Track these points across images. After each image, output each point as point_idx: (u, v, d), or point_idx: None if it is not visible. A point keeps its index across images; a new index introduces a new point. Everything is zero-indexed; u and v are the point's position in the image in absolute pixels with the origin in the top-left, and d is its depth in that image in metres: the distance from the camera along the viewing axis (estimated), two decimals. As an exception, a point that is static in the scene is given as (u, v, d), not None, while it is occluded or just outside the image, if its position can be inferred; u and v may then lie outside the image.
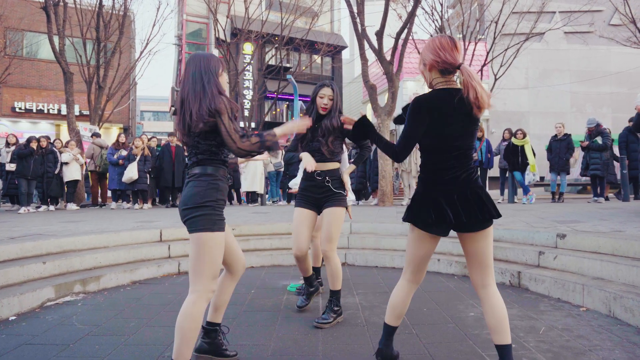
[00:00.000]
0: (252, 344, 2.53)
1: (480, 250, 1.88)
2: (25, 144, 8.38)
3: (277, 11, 18.30)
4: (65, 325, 2.88)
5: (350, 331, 2.74)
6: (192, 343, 1.87)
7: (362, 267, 4.78)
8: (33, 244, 3.92)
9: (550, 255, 3.84)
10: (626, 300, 2.81)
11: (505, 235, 4.58)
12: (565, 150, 8.45)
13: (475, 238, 1.88)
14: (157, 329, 2.81)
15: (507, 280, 3.88)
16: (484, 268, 1.90)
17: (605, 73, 22.56)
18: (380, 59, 8.99)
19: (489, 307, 1.87)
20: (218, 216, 1.94)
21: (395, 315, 2.03)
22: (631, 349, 2.36)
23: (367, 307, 3.25)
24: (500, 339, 1.83)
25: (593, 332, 2.64)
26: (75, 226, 5.43)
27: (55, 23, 10.32)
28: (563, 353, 2.33)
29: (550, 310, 3.11)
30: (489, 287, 1.90)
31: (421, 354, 2.36)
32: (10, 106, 19.59)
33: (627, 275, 3.12)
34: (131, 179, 8.61)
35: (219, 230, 1.93)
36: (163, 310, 3.21)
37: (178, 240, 4.91)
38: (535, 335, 2.61)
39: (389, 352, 2.09)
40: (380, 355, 2.08)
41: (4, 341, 2.59)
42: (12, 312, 3.06)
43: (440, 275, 4.33)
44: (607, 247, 3.63)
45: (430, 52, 1.90)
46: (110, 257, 4.23)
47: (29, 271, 3.53)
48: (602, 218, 5.17)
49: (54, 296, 3.40)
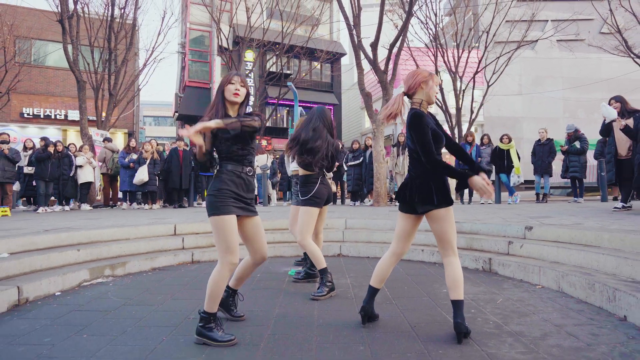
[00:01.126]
0: (259, 309, 3.11)
1: (436, 229, 2.49)
2: (43, 148, 8.97)
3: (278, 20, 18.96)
4: (104, 299, 3.45)
5: (341, 302, 3.31)
6: (217, 299, 2.43)
7: (355, 257, 5.34)
8: (67, 234, 4.50)
9: (517, 244, 4.41)
10: (571, 277, 3.37)
11: (482, 228, 5.15)
12: (548, 154, 9.04)
13: (431, 220, 2.48)
14: (180, 301, 3.38)
15: (480, 266, 4.45)
16: (443, 243, 2.49)
17: (597, 80, 23.23)
18: (375, 69, 9.60)
19: (448, 272, 2.48)
20: (221, 202, 2.36)
21: (379, 279, 2.66)
22: (566, 312, 2.93)
23: (356, 286, 3.81)
24: (454, 295, 2.43)
25: (541, 302, 3.20)
26: (96, 222, 6.01)
27: (69, 34, 10.95)
28: (511, 315, 2.90)
29: (511, 288, 3.68)
30: (449, 257, 2.49)
31: (397, 317, 2.92)
32: (18, 112, 20.21)
33: (576, 259, 3.69)
34: (142, 180, 9.19)
35: (222, 213, 2.34)
36: (183, 289, 3.78)
37: (191, 234, 5.48)
38: (493, 305, 3.17)
39: (370, 310, 2.69)
40: (364, 311, 2.68)
41: (57, 309, 3.16)
42: (57, 288, 3.62)
43: (424, 263, 4.90)
44: (565, 236, 4.20)
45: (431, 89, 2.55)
46: (132, 247, 4.81)
47: (67, 257, 4.10)
48: (571, 214, 5.75)
49: (89, 277, 3.97)
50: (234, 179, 2.41)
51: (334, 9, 24.06)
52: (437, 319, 2.87)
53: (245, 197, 2.46)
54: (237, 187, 2.41)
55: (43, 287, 3.49)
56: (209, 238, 5.46)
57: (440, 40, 16.11)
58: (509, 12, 16.24)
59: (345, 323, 2.79)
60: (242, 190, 2.44)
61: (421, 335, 2.53)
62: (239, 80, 2.50)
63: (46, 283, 3.52)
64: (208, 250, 5.19)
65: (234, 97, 2.47)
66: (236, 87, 2.48)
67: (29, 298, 3.34)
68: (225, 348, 2.36)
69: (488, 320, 2.80)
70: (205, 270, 4.58)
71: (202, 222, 5.85)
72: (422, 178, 2.47)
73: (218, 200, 2.36)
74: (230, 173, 2.41)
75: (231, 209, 2.37)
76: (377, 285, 2.67)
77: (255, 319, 2.91)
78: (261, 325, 2.77)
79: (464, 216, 6.08)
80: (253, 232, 2.52)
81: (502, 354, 2.23)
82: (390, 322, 2.80)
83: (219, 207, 2.35)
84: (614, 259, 3.31)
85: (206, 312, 2.42)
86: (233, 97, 2.47)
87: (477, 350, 2.29)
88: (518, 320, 2.78)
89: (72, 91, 20.78)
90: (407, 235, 2.60)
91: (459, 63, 15.97)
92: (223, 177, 2.41)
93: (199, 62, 24.39)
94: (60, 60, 20.02)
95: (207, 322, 2.41)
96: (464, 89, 15.90)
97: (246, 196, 2.47)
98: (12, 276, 3.52)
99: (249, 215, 2.49)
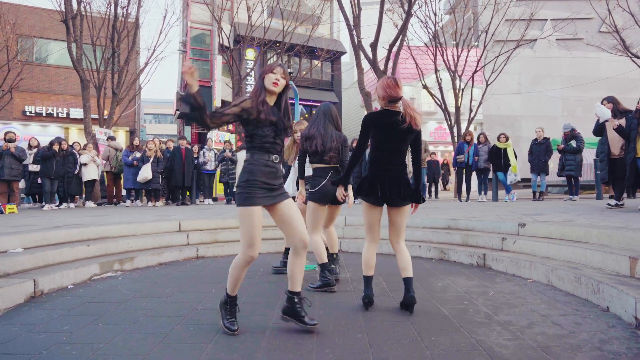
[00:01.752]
0: (264, 301, 3.28)
1: (398, 220, 2.99)
2: (48, 147, 9.13)
3: (278, 19, 19.08)
4: (115, 291, 3.62)
5: (340, 294, 3.49)
6: (236, 283, 2.57)
7: (355, 253, 5.51)
8: (77, 230, 4.67)
9: (510, 240, 4.58)
10: (560, 271, 3.54)
11: (478, 225, 5.32)
12: (545, 153, 9.20)
13: (396, 212, 2.96)
14: (188, 293, 3.55)
15: (475, 261, 4.62)
16: (398, 232, 3.02)
17: (596, 79, 23.38)
18: (375, 69, 9.76)
19: (399, 255, 2.99)
20: (248, 193, 2.41)
21: (368, 267, 3.02)
22: (553, 304, 3.10)
23: (355, 280, 3.99)
24: (405, 274, 2.94)
25: (530, 295, 3.38)
26: (103, 219, 6.18)
27: (73, 34, 11.09)
28: (501, 306, 3.07)
29: (503, 282, 3.85)
30: (400, 244, 3.03)
31: (393, 308, 3.09)
32: (21, 110, 20.37)
33: (566, 254, 3.86)
34: (146, 178, 9.36)
35: (248, 204, 2.40)
36: (189, 282, 3.95)
37: (195, 231, 5.66)
38: (485, 297, 3.34)
39: (370, 295, 3.04)
40: (367, 298, 3.02)
41: (71, 301, 3.34)
42: (69, 282, 3.80)
43: (421, 258, 5.06)
44: (556, 233, 4.38)
45: (381, 89, 2.85)
46: (139, 243, 4.98)
47: (77, 252, 4.28)
48: (564, 212, 5.92)
49: (99, 271, 4.14)
50: (261, 168, 2.44)
51: (334, 7, 24.17)
52: (430, 309, 3.04)
53: (273, 184, 2.49)
54: (264, 176, 2.45)
55: (57, 280, 3.66)
56: (213, 234, 5.63)
57: (440, 39, 16.23)
58: (508, 11, 16.36)
59: (344, 313, 2.96)
60: (269, 178, 2.47)
61: (415, 324, 2.70)
62: (280, 72, 2.53)
63: (59, 276, 3.69)
64: (212, 246, 5.37)
65: (273, 86, 2.51)
66: (277, 76, 2.52)
67: (43, 290, 3.51)
68: (234, 335, 2.53)
69: (479, 311, 2.97)
70: (209, 265, 4.76)
71: (205, 219, 6.02)
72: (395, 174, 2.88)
73: (245, 191, 2.42)
74: (258, 163, 2.45)
75: (258, 199, 2.42)
76: (369, 273, 3.05)
77: (260, 309, 3.08)
78: (265, 316, 2.94)
79: (460, 214, 6.25)
80: (287, 216, 2.52)
81: (490, 340, 2.40)
82: (387, 312, 2.98)
83: (246, 198, 2.41)
84: (600, 254, 3.48)
85: (227, 293, 2.62)
86: (272, 87, 2.51)
87: (467, 337, 2.46)
88: (507, 311, 2.95)
89: (73, 89, 20.95)
90: (377, 225, 3.02)
91: (458, 62, 16.10)
92: (251, 167, 2.45)
93: (200, 60, 24.52)
94: (62, 58, 20.18)
95: (225, 302, 2.62)
96: (463, 87, 16.04)
97: (274, 183, 2.49)
98: (27, 270, 3.69)
99: (279, 201, 2.51)
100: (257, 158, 2.46)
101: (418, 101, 22.78)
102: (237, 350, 2.32)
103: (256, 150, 2.47)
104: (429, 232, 5.53)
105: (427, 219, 5.89)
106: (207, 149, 10.83)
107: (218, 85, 21.46)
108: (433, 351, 2.27)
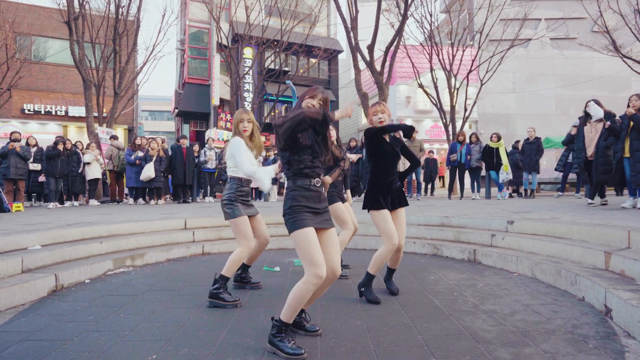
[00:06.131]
0: (269, 294, 3.55)
1: (399, 221, 3.40)
2: (53, 146, 9.34)
3: (276, 18, 19.27)
4: (129, 285, 3.88)
5: (340, 287, 3.76)
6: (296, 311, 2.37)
7: (352, 249, 5.79)
8: (90, 228, 4.92)
9: (499, 237, 4.87)
10: (543, 265, 3.84)
11: (469, 222, 5.61)
12: (536, 152, 9.51)
13: (396, 214, 3.39)
14: (198, 287, 3.82)
15: (466, 256, 4.91)
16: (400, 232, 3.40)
17: (589, 78, 23.73)
18: (372, 70, 10.01)
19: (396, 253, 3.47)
20: (295, 218, 2.38)
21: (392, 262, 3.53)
22: (535, 295, 3.39)
23: (354, 275, 4.27)
24: (392, 265, 3.55)
25: (515, 287, 3.67)
26: (111, 217, 6.42)
27: (75, 34, 11.27)
28: (487, 297, 3.36)
29: (491, 275, 4.14)
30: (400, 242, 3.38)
31: (389, 299, 3.37)
32: (19, 108, 20.47)
33: (549, 249, 4.16)
34: (149, 177, 9.60)
35: (300, 227, 2.35)
36: (198, 277, 4.22)
37: (200, 228, 5.91)
38: (473, 289, 3.63)
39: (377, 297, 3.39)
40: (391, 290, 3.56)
41: (91, 294, 3.59)
42: (86, 277, 4.05)
43: (415, 254, 5.35)
44: (541, 229, 4.67)
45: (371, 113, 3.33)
46: (148, 240, 5.23)
47: (91, 248, 4.53)
48: (551, 209, 6.22)
49: (113, 267, 4.40)
50: (303, 194, 2.42)
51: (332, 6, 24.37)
52: (423, 300, 3.32)
53: (318, 208, 2.46)
54: (308, 201, 2.42)
55: (75, 275, 3.91)
56: (217, 232, 5.90)
57: (435, 38, 16.49)
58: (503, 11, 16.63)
59: (344, 303, 3.24)
60: (313, 202, 2.44)
61: (409, 313, 2.99)
62: (319, 98, 2.55)
63: (77, 272, 3.95)
64: (217, 243, 5.63)
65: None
66: (313, 103, 2.53)
67: (64, 285, 3.76)
68: (246, 322, 2.80)
69: (467, 301, 3.26)
70: (215, 261, 5.01)
71: (209, 217, 6.27)
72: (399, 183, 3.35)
73: (292, 217, 2.38)
74: (300, 189, 2.42)
75: (307, 222, 2.38)
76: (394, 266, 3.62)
77: (267, 301, 3.35)
78: (274, 307, 3.21)
79: (453, 211, 6.53)
80: (326, 244, 2.47)
81: (476, 326, 2.69)
82: (384, 302, 3.26)
83: (296, 222, 2.37)
84: (580, 249, 3.77)
85: (281, 320, 2.38)
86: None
87: (455, 323, 2.75)
88: (493, 301, 3.24)
89: (72, 87, 21.09)
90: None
91: (453, 61, 16.37)
92: (293, 194, 2.43)
93: (198, 58, 24.67)
94: (60, 56, 20.29)
95: (278, 331, 2.38)
96: (458, 86, 16.33)
97: (318, 207, 2.46)
98: (47, 265, 3.94)
99: (324, 227, 2.48)
100: (300, 184, 2.43)
101: (414, 99, 23.05)
102: (249, 336, 2.60)
103: (297, 177, 2.44)
104: (423, 229, 5.82)
105: (422, 216, 6.18)
106: (208, 147, 11.07)
107: (216, 83, 21.66)
108: (424, 335, 2.55)
